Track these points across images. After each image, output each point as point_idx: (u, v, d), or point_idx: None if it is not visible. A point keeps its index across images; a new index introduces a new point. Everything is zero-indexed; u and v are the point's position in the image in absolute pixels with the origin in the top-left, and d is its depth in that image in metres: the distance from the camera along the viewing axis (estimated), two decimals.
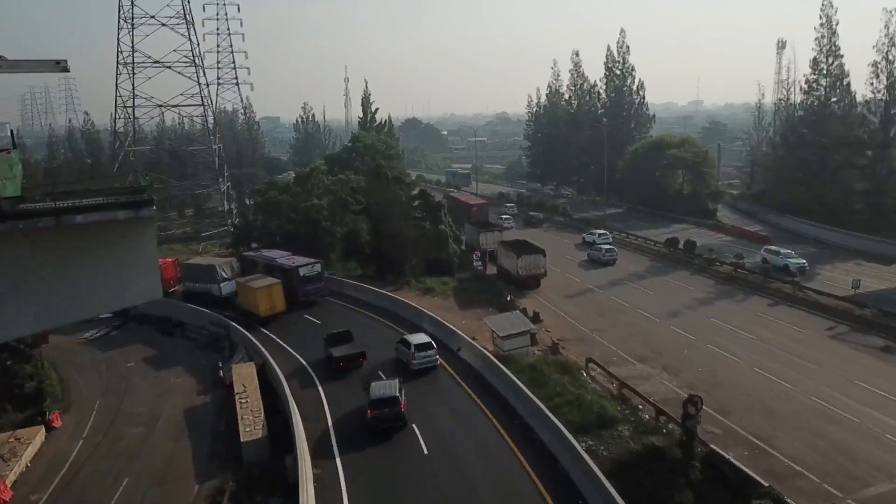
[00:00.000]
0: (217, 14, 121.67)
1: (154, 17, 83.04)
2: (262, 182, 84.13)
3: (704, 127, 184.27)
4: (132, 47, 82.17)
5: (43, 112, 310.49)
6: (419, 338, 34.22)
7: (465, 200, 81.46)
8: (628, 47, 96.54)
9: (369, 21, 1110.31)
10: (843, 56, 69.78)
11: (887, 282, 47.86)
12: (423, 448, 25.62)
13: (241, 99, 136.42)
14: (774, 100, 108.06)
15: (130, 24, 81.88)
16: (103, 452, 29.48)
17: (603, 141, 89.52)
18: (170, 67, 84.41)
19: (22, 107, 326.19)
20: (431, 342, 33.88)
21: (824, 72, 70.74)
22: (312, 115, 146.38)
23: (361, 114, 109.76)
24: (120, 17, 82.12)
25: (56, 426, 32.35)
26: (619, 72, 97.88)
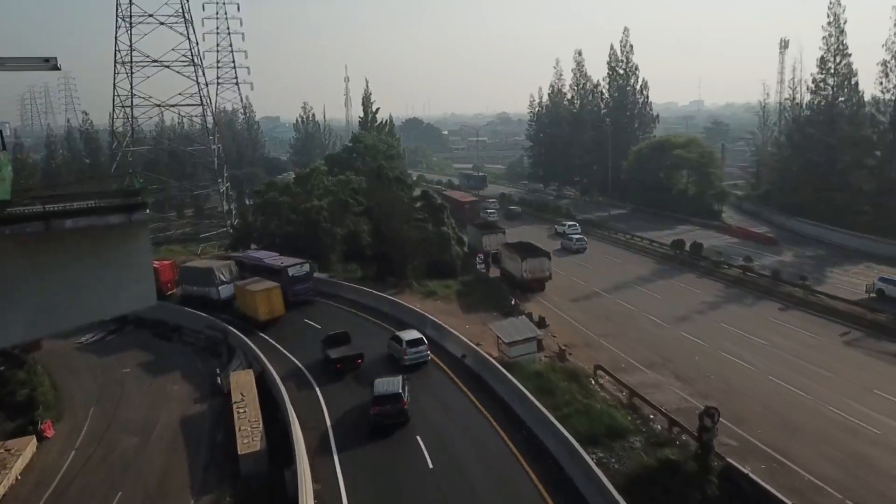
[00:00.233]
0: (217, 13, 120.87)
1: (152, 15, 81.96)
2: (261, 182, 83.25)
3: (706, 127, 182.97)
4: (130, 46, 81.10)
5: (43, 112, 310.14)
6: (411, 334, 34.61)
7: (458, 198, 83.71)
8: (632, 46, 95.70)
9: (369, 20, 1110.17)
10: (850, 55, 68.76)
11: None
12: (427, 462, 24.64)
13: (241, 98, 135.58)
14: (777, 100, 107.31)
15: (128, 22, 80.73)
16: (96, 464, 28.49)
17: (606, 141, 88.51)
18: (168, 67, 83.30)
19: (21, 107, 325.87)
20: (423, 338, 34.22)
21: (832, 71, 69.66)
22: (312, 114, 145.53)
23: (362, 113, 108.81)
24: (118, 16, 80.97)
25: (48, 436, 31.32)
26: (622, 71, 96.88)
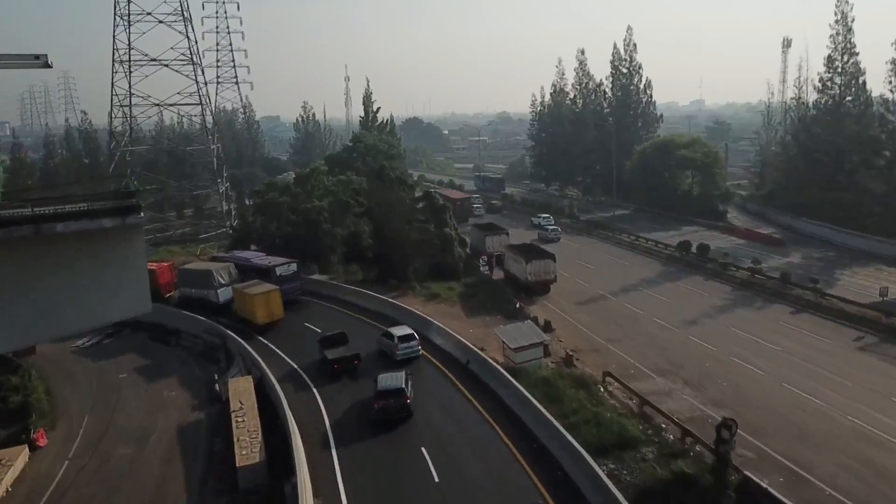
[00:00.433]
0: (216, 12, 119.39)
1: (151, 13, 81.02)
2: (261, 182, 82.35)
3: (709, 126, 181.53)
4: (128, 45, 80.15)
5: (43, 111, 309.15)
6: (402, 330, 35.40)
7: (449, 195, 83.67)
8: (635, 45, 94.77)
9: (369, 20, 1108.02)
10: (858, 53, 67.97)
11: None
12: (433, 475, 23.71)
13: (241, 98, 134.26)
14: (780, 99, 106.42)
15: (127, 20, 79.79)
16: (90, 475, 27.52)
17: (609, 141, 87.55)
18: (167, 65, 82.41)
19: (21, 106, 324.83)
20: (413, 333, 34.95)
21: (839, 70, 68.78)
22: (313, 114, 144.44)
23: (362, 113, 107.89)
24: (116, 14, 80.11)
25: (41, 445, 30.30)
26: (625, 70, 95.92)
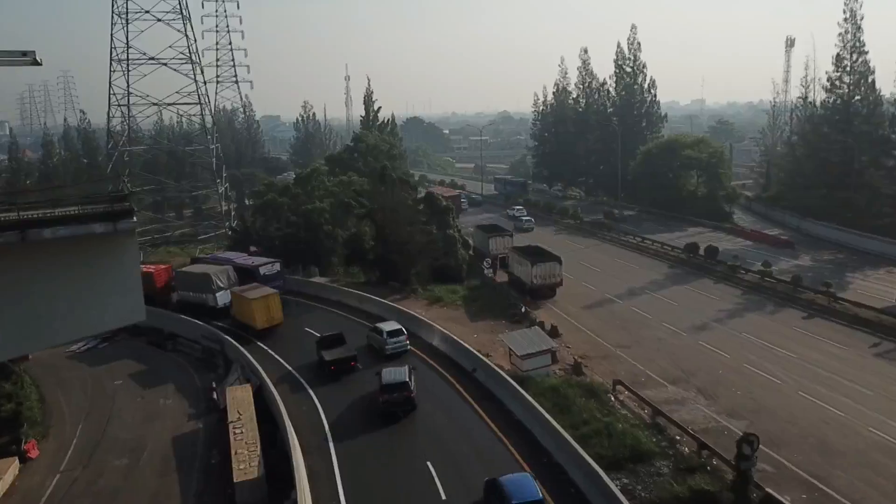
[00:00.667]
0: (216, 11, 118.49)
1: (149, 11, 79.96)
2: (261, 182, 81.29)
3: (711, 126, 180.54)
4: (126, 43, 79.17)
5: (42, 111, 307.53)
6: (390, 325, 36.28)
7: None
8: (639, 44, 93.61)
9: (370, 19, 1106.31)
10: (867, 52, 66.85)
11: None
12: (440, 493, 22.66)
13: (241, 97, 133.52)
14: (783, 99, 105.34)
15: (125, 19, 78.81)
16: (81, 489, 26.52)
17: (612, 140, 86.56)
18: (165, 64, 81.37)
19: (21, 105, 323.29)
20: (402, 329, 35.92)
21: (848, 68, 67.66)
22: (313, 113, 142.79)
23: (363, 112, 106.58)
24: (114, 12, 79.12)
25: (32, 456, 29.30)
26: (629, 69, 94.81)
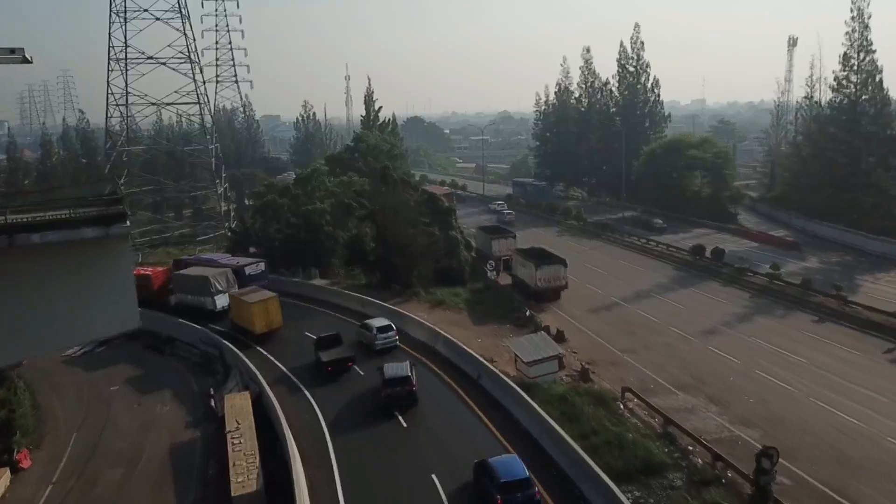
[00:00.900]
0: (216, 10, 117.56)
1: (148, 10, 79.10)
2: (261, 183, 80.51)
3: (713, 126, 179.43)
4: (125, 42, 78.30)
5: (42, 110, 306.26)
6: (380, 321, 36.97)
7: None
8: (643, 43, 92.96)
9: (370, 19, 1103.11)
10: (875, 51, 66.11)
11: None
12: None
13: (241, 97, 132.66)
14: (786, 98, 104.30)
15: (123, 17, 77.88)
16: (74, 501, 25.67)
17: (616, 140, 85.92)
18: (164, 63, 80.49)
19: (21, 105, 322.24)
20: (391, 324, 36.65)
21: (855, 67, 66.88)
22: (313, 113, 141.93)
23: (363, 112, 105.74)
24: (112, 11, 78.24)
25: (24, 466, 28.40)
26: (632, 68, 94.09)
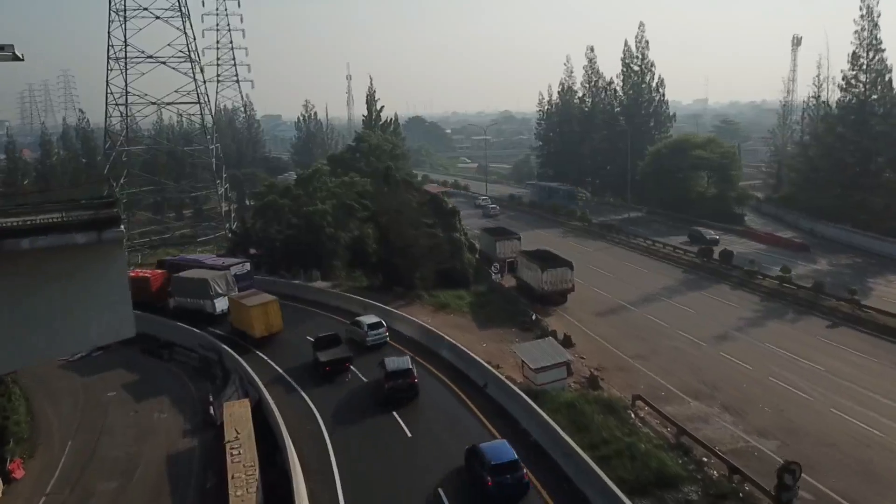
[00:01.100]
0: (217, 9, 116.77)
1: (147, 9, 78.25)
2: (262, 183, 79.65)
3: (716, 125, 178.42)
4: (124, 41, 77.43)
5: (43, 110, 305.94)
6: (370, 318, 37.94)
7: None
8: (647, 42, 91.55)
9: (370, 19, 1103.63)
10: (885, 50, 65.13)
11: None
12: None
13: (242, 96, 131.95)
14: (789, 98, 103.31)
15: (122, 16, 77.04)
16: None
17: (620, 140, 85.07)
18: (164, 63, 79.67)
19: (21, 104, 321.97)
20: (381, 321, 37.58)
21: (864, 66, 65.89)
22: (314, 112, 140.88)
23: (365, 112, 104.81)
24: (111, 9, 77.40)
25: (16, 477, 27.54)
26: (637, 67, 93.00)
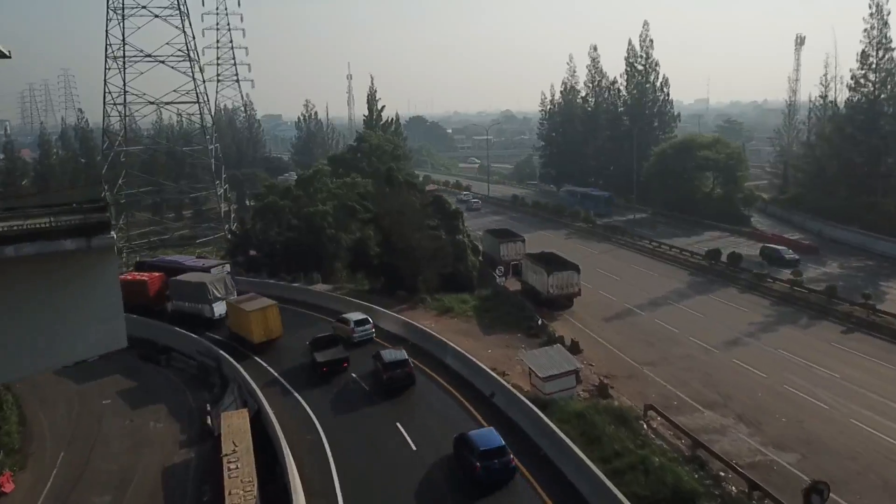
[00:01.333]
0: (217, 9, 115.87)
1: (146, 7, 77.34)
2: (262, 183, 78.73)
3: (719, 125, 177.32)
4: (123, 40, 76.56)
5: (43, 109, 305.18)
6: (356, 315, 38.93)
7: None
8: (652, 41, 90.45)
9: (370, 19, 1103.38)
10: (894, 49, 64.09)
11: None
12: None
13: (242, 96, 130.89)
14: (795, 98, 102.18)
15: (120, 14, 76.22)
16: None
17: (624, 140, 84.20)
18: (163, 62, 78.78)
19: (21, 104, 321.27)
20: (368, 318, 38.64)
21: (873, 66, 64.93)
22: (315, 112, 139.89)
23: (366, 112, 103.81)
24: (109, 8, 76.55)
25: (6, 491, 26.58)
26: (641, 67, 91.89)
